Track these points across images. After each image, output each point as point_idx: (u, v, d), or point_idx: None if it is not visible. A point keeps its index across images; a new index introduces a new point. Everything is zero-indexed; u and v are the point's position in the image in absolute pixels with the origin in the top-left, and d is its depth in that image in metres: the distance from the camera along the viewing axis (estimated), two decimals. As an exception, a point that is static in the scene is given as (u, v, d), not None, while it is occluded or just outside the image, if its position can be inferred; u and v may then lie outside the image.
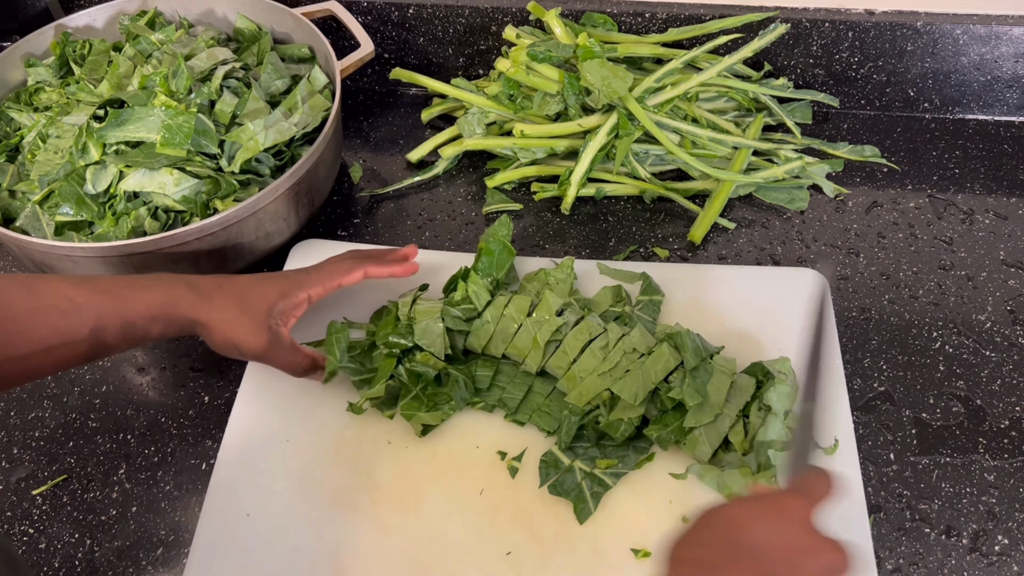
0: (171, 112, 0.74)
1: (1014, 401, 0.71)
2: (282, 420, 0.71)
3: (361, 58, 0.85)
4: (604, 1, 0.94)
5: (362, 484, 0.67)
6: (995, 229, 0.83)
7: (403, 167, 0.93)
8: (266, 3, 0.90)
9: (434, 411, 0.68)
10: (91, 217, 0.73)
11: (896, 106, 0.95)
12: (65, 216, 0.73)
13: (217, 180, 0.75)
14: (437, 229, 0.87)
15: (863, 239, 0.83)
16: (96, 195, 0.74)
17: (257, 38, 0.88)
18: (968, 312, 0.77)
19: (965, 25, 0.88)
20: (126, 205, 0.74)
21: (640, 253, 0.83)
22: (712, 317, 0.76)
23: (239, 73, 0.83)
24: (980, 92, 0.93)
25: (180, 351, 0.77)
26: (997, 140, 0.92)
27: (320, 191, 0.83)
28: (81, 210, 0.73)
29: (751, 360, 0.73)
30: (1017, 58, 0.90)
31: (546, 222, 0.87)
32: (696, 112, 0.89)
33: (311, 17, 0.90)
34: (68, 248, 0.69)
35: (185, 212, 0.75)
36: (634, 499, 0.65)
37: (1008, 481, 0.66)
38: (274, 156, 0.79)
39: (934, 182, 0.88)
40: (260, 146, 0.76)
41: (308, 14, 0.90)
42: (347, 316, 0.76)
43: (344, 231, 0.87)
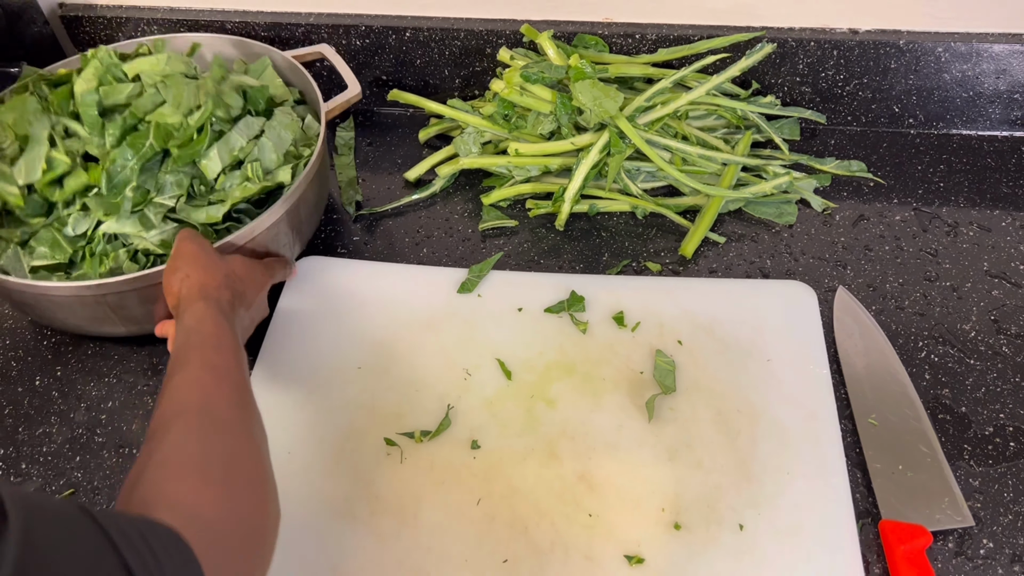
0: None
1: (998, 408, 0.72)
2: (283, 433, 0.72)
3: (348, 100, 0.87)
4: (595, 23, 0.96)
5: (361, 495, 0.68)
6: (979, 241, 0.85)
7: (401, 186, 0.96)
8: (258, 45, 0.91)
9: None
10: (64, 259, 0.74)
11: (882, 122, 0.98)
12: (41, 259, 0.74)
13: (195, 225, 0.75)
14: (434, 246, 0.89)
15: (850, 252, 0.85)
16: (74, 238, 0.75)
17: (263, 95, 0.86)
18: (953, 322, 0.79)
19: (946, 43, 0.91)
20: (105, 247, 0.75)
21: (633, 267, 0.85)
22: (703, 329, 0.78)
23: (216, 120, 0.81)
24: (963, 107, 0.95)
25: (183, 367, 0.79)
26: (980, 154, 0.94)
27: (303, 231, 0.83)
28: (55, 253, 0.74)
29: (741, 372, 0.75)
30: (998, 74, 0.92)
31: (540, 238, 0.89)
32: (686, 130, 0.91)
33: (302, 60, 0.91)
34: (44, 287, 0.70)
35: (165, 255, 0.75)
36: (627, 507, 0.67)
37: (993, 486, 0.68)
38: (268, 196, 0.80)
39: (919, 196, 0.90)
40: (240, 197, 0.77)
41: (299, 57, 0.91)
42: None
43: (344, 248, 0.89)
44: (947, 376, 0.75)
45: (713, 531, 0.65)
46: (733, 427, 0.71)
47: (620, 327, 0.79)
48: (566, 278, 0.83)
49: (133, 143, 0.75)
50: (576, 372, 0.76)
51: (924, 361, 0.76)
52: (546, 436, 0.71)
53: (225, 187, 0.77)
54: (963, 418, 0.72)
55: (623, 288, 0.82)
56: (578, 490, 0.68)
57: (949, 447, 0.70)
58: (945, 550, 0.64)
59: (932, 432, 0.70)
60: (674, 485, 0.68)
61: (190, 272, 0.65)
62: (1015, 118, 0.95)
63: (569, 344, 0.78)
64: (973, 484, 0.68)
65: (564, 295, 0.81)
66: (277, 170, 0.79)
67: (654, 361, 0.76)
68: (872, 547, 0.65)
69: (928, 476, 0.68)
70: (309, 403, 0.75)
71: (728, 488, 0.67)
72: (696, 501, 0.67)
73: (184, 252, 0.66)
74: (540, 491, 0.68)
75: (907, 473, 0.68)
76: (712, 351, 0.77)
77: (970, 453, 0.70)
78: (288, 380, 0.76)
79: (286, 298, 0.82)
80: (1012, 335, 0.77)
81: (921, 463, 0.68)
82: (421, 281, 0.84)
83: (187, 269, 0.65)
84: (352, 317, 0.81)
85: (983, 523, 0.66)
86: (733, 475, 0.68)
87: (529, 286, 0.83)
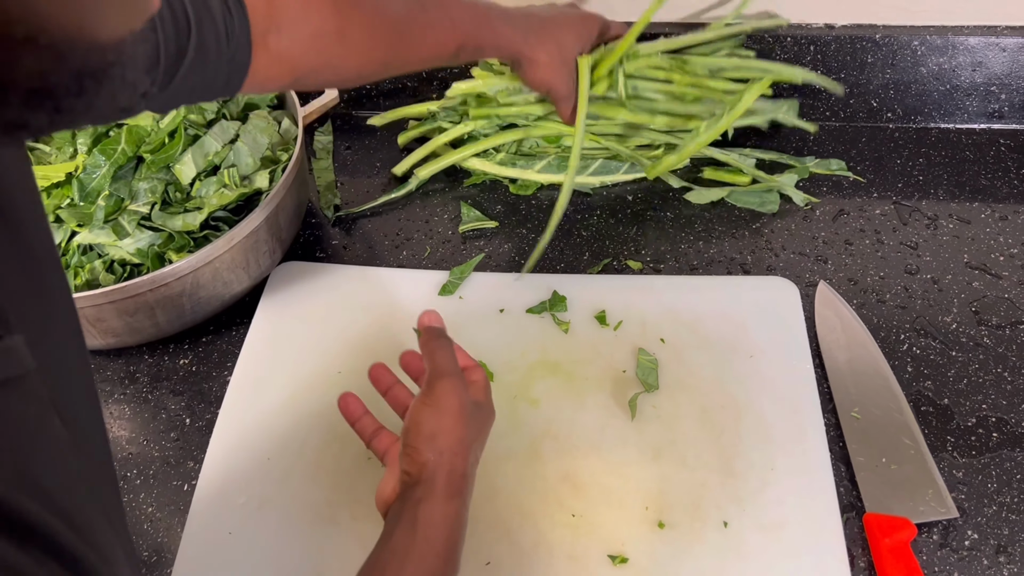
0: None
1: (980, 399, 0.72)
2: (263, 439, 0.72)
3: (325, 104, 0.87)
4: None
5: (343, 500, 0.68)
6: (959, 233, 0.86)
7: (381, 188, 0.95)
8: None
9: None
10: None
11: (860, 117, 0.98)
12: None
13: (170, 234, 0.75)
14: (414, 248, 0.88)
15: (831, 246, 0.85)
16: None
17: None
18: (934, 314, 0.79)
19: (922, 36, 0.91)
20: (80, 258, 0.74)
21: (614, 266, 0.85)
22: (685, 326, 0.78)
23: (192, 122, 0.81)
24: (941, 101, 0.95)
25: (161, 375, 0.78)
26: (959, 147, 0.95)
27: (283, 238, 0.82)
28: None
29: (724, 368, 0.75)
30: (974, 67, 0.92)
31: (521, 238, 0.88)
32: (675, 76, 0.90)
33: None
34: None
35: (142, 265, 0.75)
36: (611, 507, 0.66)
37: (976, 477, 0.68)
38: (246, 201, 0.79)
39: (899, 189, 0.90)
40: (218, 204, 0.76)
41: None
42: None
43: (323, 253, 0.88)
44: (929, 368, 0.75)
45: (697, 529, 0.65)
46: (717, 424, 0.71)
47: (602, 326, 0.79)
48: (547, 278, 0.83)
49: (104, 149, 0.74)
50: (559, 372, 0.75)
51: (906, 354, 0.76)
52: (529, 436, 0.71)
53: (201, 193, 0.77)
54: (945, 410, 0.72)
55: (604, 287, 0.82)
56: (561, 490, 0.67)
57: (932, 439, 0.70)
58: (930, 542, 0.64)
59: (915, 424, 0.70)
60: (658, 483, 0.67)
61: (446, 445, 0.54)
62: (992, 111, 0.95)
63: (551, 344, 0.78)
64: (956, 475, 0.68)
65: (546, 295, 0.81)
66: (254, 175, 0.79)
67: (637, 359, 0.75)
68: (857, 541, 0.65)
69: (912, 468, 0.67)
70: (290, 408, 0.74)
71: (712, 485, 0.67)
72: (680, 499, 0.66)
73: (448, 408, 0.55)
74: (523, 492, 0.67)
75: (891, 466, 0.68)
76: (695, 348, 0.77)
77: (953, 444, 0.70)
78: (269, 386, 0.76)
79: (266, 303, 0.82)
80: (993, 326, 0.77)
81: (904, 455, 0.68)
82: (402, 284, 0.83)
83: (446, 439, 0.54)
84: (333, 322, 0.80)
85: (967, 514, 0.65)
86: (717, 472, 0.68)
87: (510, 287, 0.82)
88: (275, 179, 0.78)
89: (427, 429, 0.54)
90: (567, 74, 0.80)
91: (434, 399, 0.55)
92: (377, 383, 0.65)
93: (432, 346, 0.58)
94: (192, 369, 0.79)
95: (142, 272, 0.74)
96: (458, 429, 0.55)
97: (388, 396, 0.64)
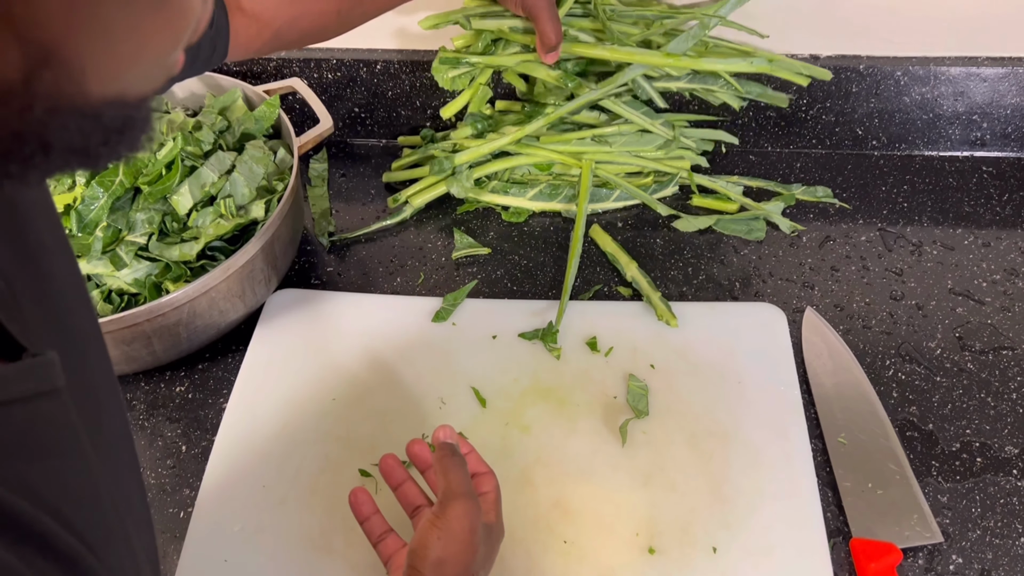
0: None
1: (964, 424, 0.73)
2: (258, 466, 0.72)
3: (320, 134, 0.88)
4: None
5: (337, 526, 0.68)
6: (943, 259, 0.87)
7: (374, 216, 0.96)
8: (228, 80, 0.91)
9: None
10: None
11: (846, 144, 1.00)
12: None
13: (167, 264, 0.76)
14: (408, 275, 0.89)
15: (817, 273, 0.87)
16: None
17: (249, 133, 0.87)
18: (919, 340, 0.80)
19: (905, 67, 0.93)
20: None
21: (604, 292, 0.86)
22: (675, 352, 0.79)
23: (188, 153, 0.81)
24: (924, 129, 0.97)
25: (157, 403, 0.79)
26: (942, 174, 0.96)
27: (279, 266, 0.83)
28: None
29: (713, 394, 0.76)
30: (956, 96, 0.94)
31: (513, 264, 0.90)
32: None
33: (273, 94, 0.91)
34: None
35: (139, 295, 0.76)
36: (601, 533, 0.67)
37: (961, 502, 0.69)
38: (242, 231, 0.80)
39: (884, 216, 0.92)
40: (215, 234, 0.77)
41: (271, 91, 0.92)
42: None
43: (318, 279, 0.89)
44: (914, 394, 0.76)
45: (687, 554, 0.66)
46: (706, 449, 0.72)
47: (593, 352, 0.80)
48: (540, 304, 0.84)
49: (102, 180, 0.75)
50: (550, 398, 0.76)
51: (891, 379, 0.77)
52: (521, 463, 0.72)
53: (197, 223, 0.78)
54: (930, 435, 0.73)
55: (596, 313, 0.83)
56: (553, 516, 0.68)
57: (917, 464, 0.71)
58: (915, 567, 0.65)
59: (900, 450, 0.71)
60: (648, 509, 0.68)
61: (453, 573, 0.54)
62: (974, 138, 0.97)
63: (543, 370, 0.79)
64: (941, 500, 0.69)
65: (538, 321, 0.82)
66: (250, 205, 0.80)
67: (627, 385, 0.77)
68: (844, 565, 0.66)
69: (897, 493, 0.69)
70: (284, 435, 0.75)
71: (702, 511, 0.68)
72: (670, 525, 0.67)
73: (458, 534, 0.54)
74: (514, 518, 0.68)
75: (877, 491, 0.69)
76: (684, 374, 0.78)
77: (938, 469, 0.71)
78: (263, 412, 0.76)
79: (261, 331, 0.83)
80: (976, 351, 0.79)
81: (890, 481, 0.69)
82: (395, 311, 0.84)
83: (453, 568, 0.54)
84: (327, 349, 0.81)
85: (952, 539, 0.67)
86: (706, 497, 0.69)
87: (503, 313, 0.84)
88: (271, 209, 0.80)
89: (434, 555, 0.53)
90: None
91: (445, 522, 0.54)
92: (388, 477, 0.64)
93: (446, 464, 0.57)
94: (188, 396, 0.79)
95: (139, 302, 0.75)
96: (466, 556, 0.54)
97: (398, 492, 0.63)
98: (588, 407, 0.76)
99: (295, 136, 0.85)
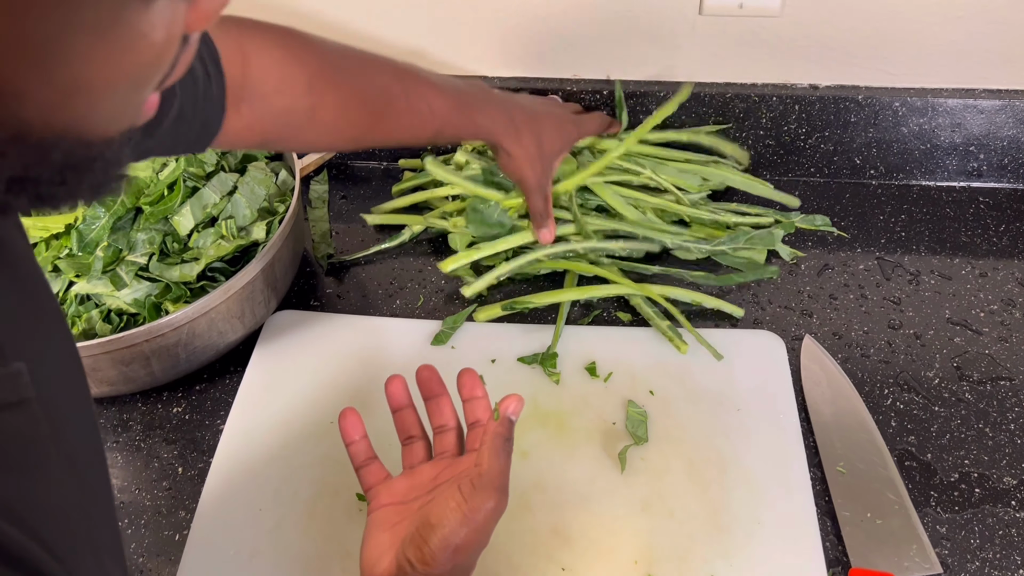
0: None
1: (962, 455, 0.74)
2: (255, 489, 0.72)
3: (321, 156, 0.88)
4: (564, 79, 0.98)
5: (334, 552, 0.68)
6: (940, 289, 0.88)
7: (374, 238, 0.96)
8: None
9: None
10: None
11: (844, 173, 1.00)
12: None
13: (167, 284, 0.76)
14: (407, 297, 0.89)
15: (816, 301, 0.87)
16: None
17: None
18: (917, 369, 0.80)
19: (903, 98, 0.94)
20: (77, 308, 0.75)
21: (604, 317, 0.86)
22: (673, 379, 0.79)
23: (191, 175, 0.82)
24: (922, 159, 0.98)
25: (154, 423, 0.79)
26: (940, 204, 0.97)
27: (278, 287, 0.83)
28: None
29: (712, 421, 0.76)
30: (953, 127, 0.95)
31: (513, 290, 0.90)
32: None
33: None
34: None
35: (138, 315, 0.76)
36: (600, 560, 0.67)
37: (959, 533, 0.69)
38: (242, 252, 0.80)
39: (882, 245, 0.93)
40: (215, 255, 0.77)
41: None
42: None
43: (317, 301, 0.89)
44: (912, 423, 0.76)
45: (686, 583, 0.65)
46: (704, 477, 0.72)
47: (593, 377, 0.80)
48: (539, 329, 0.84)
49: (104, 200, 0.75)
50: (549, 423, 0.76)
51: (890, 408, 0.77)
52: (519, 488, 0.72)
53: (198, 244, 0.78)
54: (929, 465, 0.73)
55: (595, 338, 0.83)
56: (551, 543, 0.68)
57: (916, 494, 0.71)
58: (914, 598, 0.65)
59: (899, 479, 0.71)
60: (647, 536, 0.68)
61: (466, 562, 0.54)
62: (971, 169, 0.98)
63: (542, 395, 0.79)
64: (940, 531, 0.69)
65: (537, 346, 0.82)
66: (251, 227, 0.80)
67: (626, 411, 0.76)
68: (843, 596, 0.65)
69: (896, 523, 0.68)
70: (281, 459, 0.74)
71: (700, 538, 0.68)
72: (668, 552, 0.67)
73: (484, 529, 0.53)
74: (512, 545, 0.67)
75: (876, 520, 0.69)
76: (683, 400, 0.78)
77: (936, 500, 0.71)
78: (261, 435, 0.76)
79: (260, 352, 0.82)
80: (974, 382, 0.79)
81: (889, 510, 0.69)
82: (395, 334, 0.84)
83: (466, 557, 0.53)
84: (326, 371, 0.81)
85: (951, 570, 0.66)
86: (705, 525, 0.69)
87: (503, 337, 0.84)
88: (272, 230, 0.80)
89: (455, 540, 0.51)
90: (541, 169, 0.81)
91: (474, 510, 0.51)
92: (391, 399, 0.63)
93: (498, 446, 0.55)
94: (185, 418, 0.79)
95: (139, 322, 0.75)
96: (477, 550, 0.54)
97: (396, 416, 0.63)
98: (587, 433, 0.75)
99: (297, 158, 0.85)
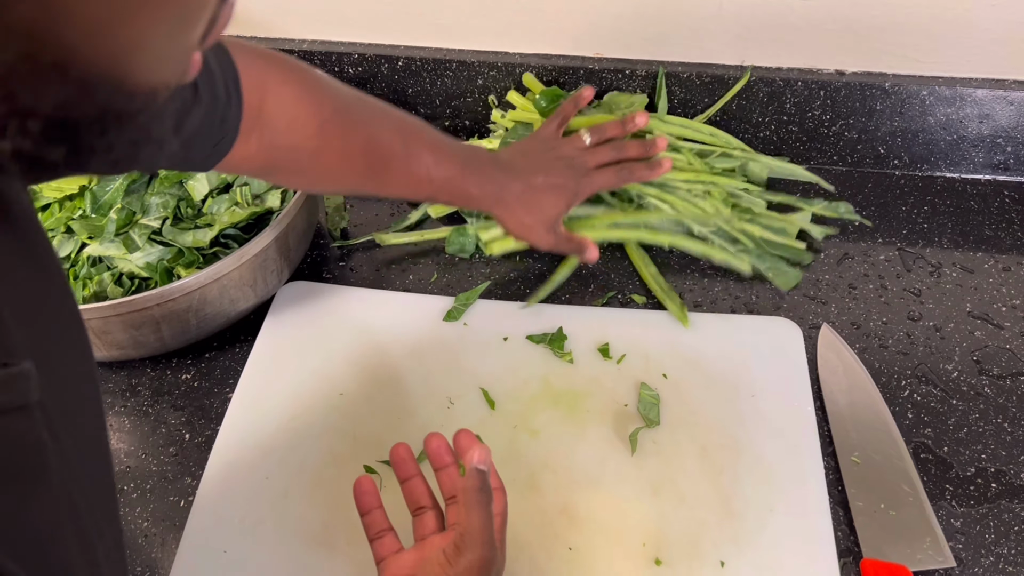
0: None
1: (979, 449, 0.72)
2: (262, 458, 0.71)
3: None
4: (586, 58, 0.97)
5: (340, 523, 0.67)
6: (962, 282, 0.86)
7: (388, 212, 0.96)
8: None
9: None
10: None
11: (867, 162, 0.99)
12: None
13: (180, 249, 0.75)
14: (420, 273, 0.89)
15: (834, 290, 0.86)
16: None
17: None
18: (935, 362, 0.79)
19: (931, 87, 0.92)
20: (89, 270, 0.75)
21: (618, 299, 0.85)
22: (688, 363, 0.78)
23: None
24: (947, 150, 0.96)
25: (163, 389, 0.78)
26: (964, 197, 0.95)
27: (291, 258, 0.82)
28: None
29: (725, 407, 0.75)
30: (981, 119, 0.93)
31: (527, 267, 0.89)
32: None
33: None
34: None
35: (150, 279, 0.75)
36: (608, 541, 0.66)
37: (974, 528, 0.67)
38: (256, 220, 0.80)
39: (903, 236, 0.91)
40: (229, 222, 0.77)
41: None
42: (330, 357, 0.77)
43: (329, 274, 0.89)
44: (930, 416, 0.75)
45: (694, 567, 0.64)
46: (717, 462, 0.71)
47: (605, 359, 0.79)
48: (552, 308, 0.83)
49: None
50: (560, 403, 0.75)
51: (907, 400, 0.76)
52: (528, 467, 0.71)
53: (212, 210, 0.77)
54: (945, 458, 0.72)
55: (609, 320, 0.82)
56: (559, 523, 0.67)
57: (931, 487, 0.70)
58: (927, 591, 0.64)
59: (914, 471, 0.70)
60: (656, 520, 0.67)
61: None
62: (997, 162, 0.96)
63: (554, 375, 0.78)
64: (955, 525, 0.68)
65: (550, 325, 0.81)
66: (266, 194, 0.79)
67: (639, 394, 0.75)
68: (854, 587, 0.64)
69: (910, 515, 0.67)
70: (290, 428, 0.74)
71: (710, 524, 0.67)
72: (678, 537, 0.66)
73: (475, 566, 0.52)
74: (520, 523, 0.67)
75: (889, 512, 0.67)
76: (697, 385, 0.77)
77: (952, 493, 0.70)
78: (270, 405, 0.76)
79: (271, 322, 0.82)
80: (994, 376, 0.78)
81: (903, 502, 0.68)
82: (407, 308, 0.84)
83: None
84: (336, 343, 0.80)
85: (964, 564, 0.65)
86: (716, 511, 0.68)
87: (515, 316, 0.83)
88: (287, 199, 0.79)
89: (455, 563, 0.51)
90: (544, 232, 0.78)
91: (457, 571, 0.51)
92: (398, 469, 0.62)
93: (471, 500, 0.53)
94: (194, 385, 0.79)
95: (150, 286, 0.74)
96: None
97: (405, 487, 0.62)
98: (598, 414, 0.75)
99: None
